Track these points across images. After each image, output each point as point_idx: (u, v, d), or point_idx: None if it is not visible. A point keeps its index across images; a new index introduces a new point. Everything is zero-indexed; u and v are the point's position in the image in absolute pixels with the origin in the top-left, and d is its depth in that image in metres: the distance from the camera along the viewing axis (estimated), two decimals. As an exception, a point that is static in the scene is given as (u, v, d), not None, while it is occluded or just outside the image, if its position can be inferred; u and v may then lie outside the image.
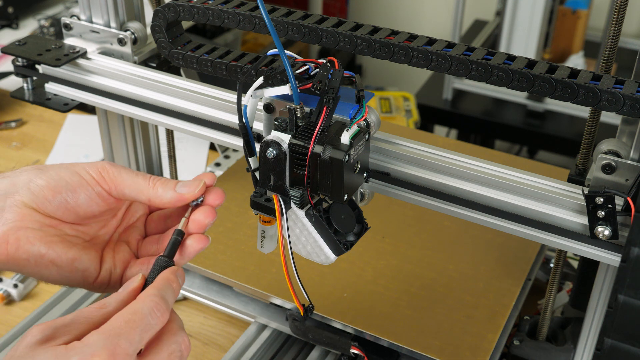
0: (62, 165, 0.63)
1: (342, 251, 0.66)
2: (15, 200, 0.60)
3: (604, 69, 0.68)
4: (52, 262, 0.61)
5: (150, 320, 0.53)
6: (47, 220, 0.61)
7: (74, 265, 0.61)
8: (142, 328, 0.52)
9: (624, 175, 0.64)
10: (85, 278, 0.63)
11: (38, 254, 0.60)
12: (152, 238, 0.67)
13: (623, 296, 0.64)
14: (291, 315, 0.90)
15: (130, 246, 0.66)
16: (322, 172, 0.61)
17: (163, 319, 0.54)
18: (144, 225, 0.68)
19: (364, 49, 0.69)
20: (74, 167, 0.63)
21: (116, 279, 0.64)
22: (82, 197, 0.62)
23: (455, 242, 1.00)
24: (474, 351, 0.84)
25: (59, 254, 0.61)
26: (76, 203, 0.62)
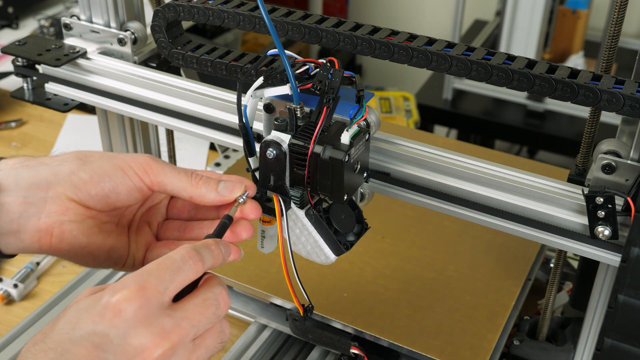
0: (105, 156, 0.63)
1: (342, 251, 0.66)
2: (58, 192, 0.61)
3: (604, 69, 0.68)
4: (90, 252, 0.62)
5: (182, 265, 0.53)
6: (88, 212, 0.62)
7: (109, 254, 0.63)
8: (173, 270, 0.52)
9: (624, 175, 0.64)
10: (116, 262, 0.65)
11: (79, 246, 0.61)
12: (174, 223, 0.67)
13: (623, 296, 0.64)
14: (291, 315, 0.90)
15: (151, 227, 0.67)
16: (322, 172, 0.61)
17: (196, 268, 0.54)
18: (166, 207, 0.68)
19: (364, 49, 0.69)
20: (116, 161, 0.62)
21: (139, 261, 0.65)
22: (123, 192, 0.62)
23: (455, 242, 1.00)
24: (474, 351, 0.84)
25: (98, 246, 0.62)
26: (117, 198, 0.62)
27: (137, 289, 0.50)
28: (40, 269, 1.09)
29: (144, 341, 0.50)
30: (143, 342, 0.50)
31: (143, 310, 0.50)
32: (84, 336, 0.50)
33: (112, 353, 0.49)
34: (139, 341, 0.50)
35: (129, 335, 0.50)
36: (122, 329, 0.50)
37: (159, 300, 0.51)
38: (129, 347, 0.49)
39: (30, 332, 0.94)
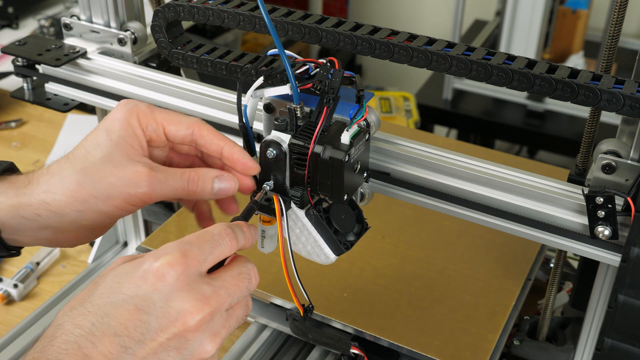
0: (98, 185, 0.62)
1: (342, 251, 0.66)
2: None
3: (604, 69, 0.68)
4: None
5: (219, 240, 0.55)
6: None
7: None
8: (212, 243, 0.54)
9: (624, 175, 0.64)
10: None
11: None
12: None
13: (623, 296, 0.64)
14: (291, 315, 0.90)
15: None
16: (322, 172, 0.61)
17: (231, 245, 0.55)
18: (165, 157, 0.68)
19: (364, 49, 0.69)
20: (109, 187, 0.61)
21: None
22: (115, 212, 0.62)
23: (455, 242, 1.00)
24: (474, 351, 0.84)
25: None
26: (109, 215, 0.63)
27: (180, 255, 0.52)
28: (40, 269, 1.09)
29: (186, 305, 0.51)
30: (185, 306, 0.51)
31: (184, 277, 0.52)
32: (126, 299, 0.51)
33: (154, 316, 0.51)
34: (181, 305, 0.51)
35: (172, 299, 0.51)
36: (165, 293, 0.51)
37: (199, 268, 0.53)
38: (171, 310, 0.51)
39: (30, 332, 0.94)
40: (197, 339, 0.52)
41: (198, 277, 0.53)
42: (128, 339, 0.50)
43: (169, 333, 0.51)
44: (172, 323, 0.51)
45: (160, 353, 0.51)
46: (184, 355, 0.52)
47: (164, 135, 0.64)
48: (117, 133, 0.62)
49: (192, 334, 0.52)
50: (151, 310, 0.51)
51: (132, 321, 0.50)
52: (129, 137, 0.62)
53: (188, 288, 0.52)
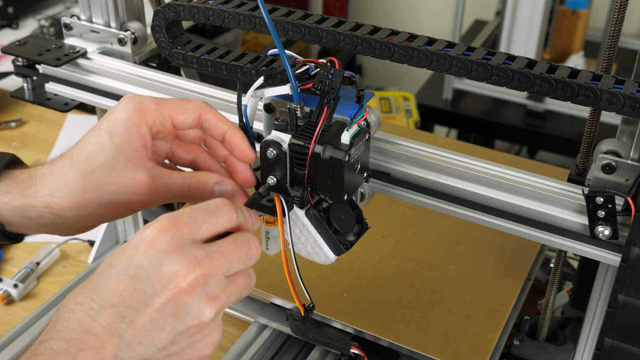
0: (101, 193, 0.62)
1: (342, 251, 0.66)
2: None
3: (604, 69, 0.68)
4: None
5: (215, 209, 0.55)
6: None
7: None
8: (206, 212, 0.54)
9: (624, 175, 0.64)
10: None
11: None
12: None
13: (623, 296, 0.64)
14: (291, 315, 0.90)
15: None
16: (322, 172, 0.61)
17: (230, 216, 0.55)
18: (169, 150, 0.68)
19: (364, 49, 0.69)
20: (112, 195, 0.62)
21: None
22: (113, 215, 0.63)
23: (455, 242, 1.00)
24: (474, 351, 0.84)
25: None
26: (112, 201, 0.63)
27: (170, 222, 0.52)
28: (40, 269, 1.09)
29: (177, 267, 0.51)
30: (176, 268, 0.51)
31: (174, 242, 0.52)
32: (120, 270, 0.52)
33: (148, 282, 0.51)
34: (172, 268, 0.51)
35: (163, 263, 0.51)
36: (156, 258, 0.51)
37: (191, 234, 0.53)
38: (163, 273, 0.51)
39: (30, 332, 0.94)
40: (194, 302, 0.52)
41: (190, 243, 0.53)
42: (125, 308, 0.50)
43: (164, 297, 0.51)
44: (165, 286, 0.51)
45: (158, 320, 0.51)
46: (182, 320, 0.51)
47: (171, 126, 0.64)
48: (120, 136, 0.62)
49: (187, 296, 0.51)
50: (144, 277, 0.51)
51: (128, 291, 0.51)
52: (133, 139, 0.62)
53: (179, 252, 0.52)
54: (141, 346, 0.51)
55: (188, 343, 0.53)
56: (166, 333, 0.51)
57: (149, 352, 0.51)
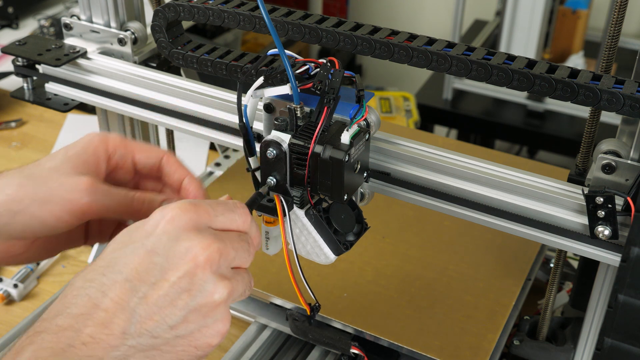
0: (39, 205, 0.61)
1: (341, 251, 0.66)
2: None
3: (604, 69, 0.68)
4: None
5: (233, 207, 0.56)
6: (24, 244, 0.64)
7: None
8: (225, 207, 0.55)
9: (624, 175, 0.64)
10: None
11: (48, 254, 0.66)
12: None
13: (623, 296, 0.64)
14: (291, 315, 0.90)
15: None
16: (322, 172, 0.61)
17: (244, 218, 0.56)
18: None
19: (364, 49, 0.69)
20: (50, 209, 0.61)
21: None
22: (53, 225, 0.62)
23: (455, 242, 1.00)
24: (474, 351, 0.84)
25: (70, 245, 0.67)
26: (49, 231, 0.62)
27: (191, 204, 0.53)
28: (40, 269, 1.09)
29: (194, 242, 0.52)
30: (194, 243, 0.52)
31: (194, 222, 0.53)
32: (137, 246, 0.52)
33: (164, 256, 0.51)
34: (190, 242, 0.52)
35: (181, 238, 0.52)
36: (174, 234, 0.52)
37: (208, 221, 0.54)
38: (181, 247, 0.51)
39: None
40: (207, 279, 0.52)
41: (206, 226, 0.53)
42: (139, 282, 0.50)
43: (180, 271, 0.51)
44: (182, 260, 0.51)
45: (171, 294, 0.51)
46: (195, 297, 0.51)
47: (131, 164, 0.65)
48: (75, 150, 0.63)
49: (202, 272, 0.51)
50: (161, 251, 0.51)
51: (143, 264, 0.51)
52: (86, 155, 0.63)
53: (196, 230, 0.52)
54: (152, 322, 0.50)
55: (198, 325, 0.52)
56: (178, 310, 0.51)
57: (159, 329, 0.50)
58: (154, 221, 0.53)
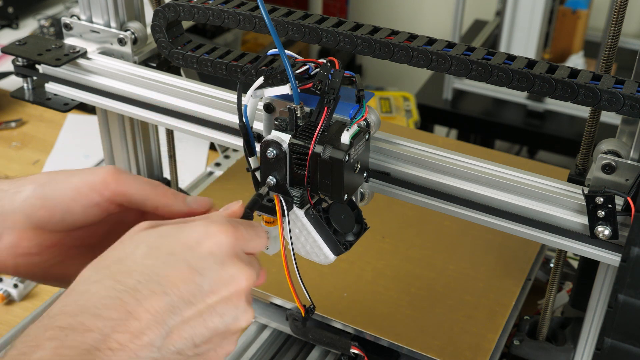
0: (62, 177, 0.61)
1: (341, 251, 0.66)
2: (14, 222, 0.60)
3: (604, 69, 0.68)
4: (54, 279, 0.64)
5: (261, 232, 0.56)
6: (48, 239, 0.61)
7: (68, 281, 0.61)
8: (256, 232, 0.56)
9: (624, 175, 0.64)
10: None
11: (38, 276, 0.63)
12: None
13: (623, 296, 0.64)
14: (291, 315, 0.90)
15: None
16: (322, 172, 0.61)
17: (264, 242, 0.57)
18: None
19: (364, 49, 0.69)
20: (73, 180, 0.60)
21: None
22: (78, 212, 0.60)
23: (455, 242, 1.00)
24: (474, 351, 0.84)
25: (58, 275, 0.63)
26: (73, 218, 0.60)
27: (232, 228, 0.53)
28: (40, 269, 1.09)
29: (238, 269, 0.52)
30: (238, 270, 0.52)
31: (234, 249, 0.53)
32: (179, 260, 0.51)
33: (208, 278, 0.51)
34: (235, 269, 0.52)
35: (226, 264, 0.52)
36: (220, 257, 0.52)
37: (243, 247, 0.54)
38: (225, 273, 0.52)
39: (30, 332, 0.94)
40: (240, 307, 0.52)
41: (242, 252, 0.54)
42: (178, 298, 0.50)
43: (219, 296, 0.51)
44: (225, 285, 0.51)
45: (204, 316, 0.51)
46: (225, 322, 0.52)
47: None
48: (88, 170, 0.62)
49: (238, 300, 0.52)
50: (206, 272, 0.51)
51: (185, 281, 0.50)
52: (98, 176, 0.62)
53: (238, 258, 0.53)
54: (179, 339, 0.50)
55: (215, 345, 0.53)
56: (207, 331, 0.51)
57: (183, 346, 0.50)
58: (197, 235, 0.52)
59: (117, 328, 0.48)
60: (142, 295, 0.49)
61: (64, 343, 0.46)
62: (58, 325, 0.47)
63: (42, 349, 0.46)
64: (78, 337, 0.47)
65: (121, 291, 0.49)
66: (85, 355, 0.46)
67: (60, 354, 0.46)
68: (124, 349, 0.47)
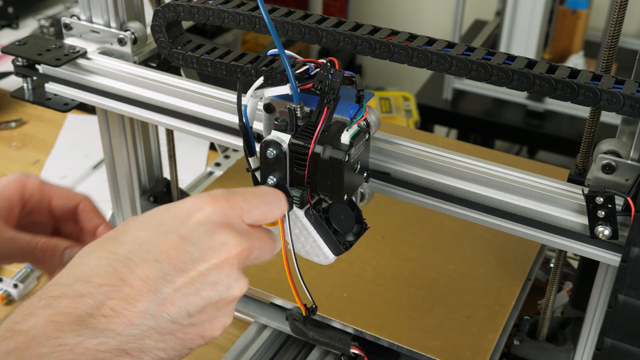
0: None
1: (341, 251, 0.66)
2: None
3: (604, 69, 0.68)
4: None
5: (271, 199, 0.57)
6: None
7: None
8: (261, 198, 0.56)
9: (624, 175, 0.64)
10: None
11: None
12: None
13: (623, 296, 0.64)
14: (291, 315, 0.90)
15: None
16: (322, 172, 0.61)
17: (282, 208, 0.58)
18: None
19: (364, 49, 0.69)
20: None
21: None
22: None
23: (455, 242, 1.00)
24: (474, 351, 0.84)
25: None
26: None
27: (224, 199, 0.53)
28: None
29: (229, 237, 0.52)
30: (228, 238, 0.52)
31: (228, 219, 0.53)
32: (169, 230, 0.51)
33: (198, 247, 0.51)
34: (225, 237, 0.52)
35: (216, 233, 0.52)
36: (209, 227, 0.52)
37: (241, 216, 0.54)
38: (215, 242, 0.52)
39: (30, 332, 0.94)
40: (232, 275, 0.53)
41: (239, 220, 0.54)
42: (169, 265, 0.50)
43: (210, 263, 0.51)
44: (214, 253, 0.52)
45: (197, 285, 0.51)
46: (218, 291, 0.52)
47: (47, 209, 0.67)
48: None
49: (229, 268, 0.52)
50: (196, 241, 0.51)
51: (175, 249, 0.51)
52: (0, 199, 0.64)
53: (230, 226, 0.53)
54: (173, 307, 0.50)
55: (210, 317, 0.53)
56: (200, 300, 0.51)
57: (178, 315, 0.51)
58: (187, 208, 0.53)
59: (110, 294, 0.48)
60: (133, 263, 0.50)
61: (57, 310, 0.47)
62: (51, 295, 0.48)
63: (35, 317, 0.46)
64: (71, 304, 0.47)
65: (114, 260, 0.50)
66: (79, 322, 0.47)
67: (54, 321, 0.46)
68: (118, 315, 0.48)
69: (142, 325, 0.49)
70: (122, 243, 0.51)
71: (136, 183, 1.02)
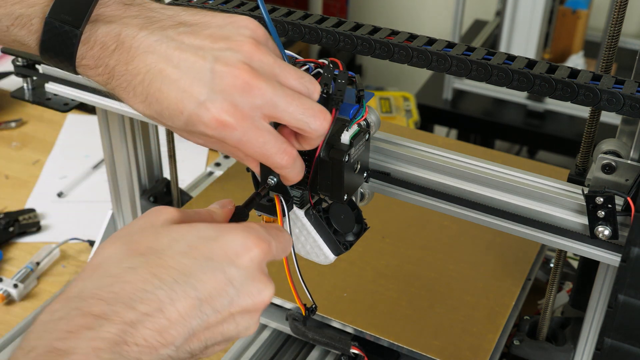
0: None
1: (341, 251, 0.66)
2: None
3: (604, 69, 0.68)
4: None
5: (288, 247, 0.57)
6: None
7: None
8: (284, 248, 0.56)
9: (624, 175, 0.64)
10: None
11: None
12: None
13: (623, 296, 0.64)
14: (291, 315, 0.90)
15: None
16: (322, 172, 0.61)
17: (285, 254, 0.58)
18: None
19: (364, 49, 0.69)
20: None
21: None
22: None
23: (455, 242, 1.00)
24: (474, 351, 0.84)
25: None
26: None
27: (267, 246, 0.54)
28: (40, 269, 1.09)
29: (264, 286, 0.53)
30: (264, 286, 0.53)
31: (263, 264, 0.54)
32: (217, 268, 0.51)
33: (237, 290, 0.52)
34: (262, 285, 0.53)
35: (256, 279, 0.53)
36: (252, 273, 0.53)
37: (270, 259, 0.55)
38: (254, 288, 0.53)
39: (30, 332, 0.94)
40: (255, 318, 0.54)
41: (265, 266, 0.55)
42: (208, 306, 0.50)
43: (242, 307, 0.52)
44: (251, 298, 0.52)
45: (224, 324, 0.52)
46: (237, 330, 0.53)
47: None
48: None
49: (256, 312, 0.53)
50: (238, 285, 0.52)
51: (218, 290, 0.51)
52: None
53: (264, 272, 0.54)
54: (197, 342, 0.51)
55: (219, 347, 0.54)
56: (221, 336, 0.52)
57: (197, 348, 0.51)
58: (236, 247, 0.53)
59: (147, 324, 0.48)
60: (176, 295, 0.49)
61: (98, 334, 0.46)
62: (92, 312, 0.47)
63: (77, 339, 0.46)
64: (111, 329, 0.47)
65: (157, 287, 0.49)
66: (114, 348, 0.46)
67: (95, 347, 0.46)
68: (148, 345, 0.48)
69: (165, 355, 0.49)
70: (167, 268, 0.50)
71: (136, 183, 1.02)
